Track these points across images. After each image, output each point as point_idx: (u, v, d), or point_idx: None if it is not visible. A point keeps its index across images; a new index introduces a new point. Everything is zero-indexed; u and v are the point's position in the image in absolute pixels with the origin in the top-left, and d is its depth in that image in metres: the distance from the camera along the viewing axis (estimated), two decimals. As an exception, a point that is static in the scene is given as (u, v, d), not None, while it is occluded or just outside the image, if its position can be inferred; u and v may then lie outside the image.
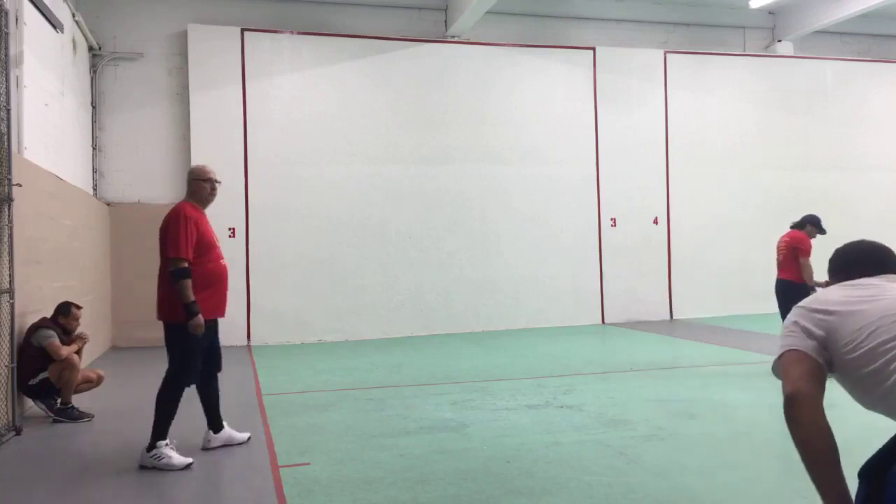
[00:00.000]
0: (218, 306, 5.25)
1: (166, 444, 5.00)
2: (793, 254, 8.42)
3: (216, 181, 5.33)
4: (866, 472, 2.23)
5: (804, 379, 2.23)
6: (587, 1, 13.91)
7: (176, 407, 5.12)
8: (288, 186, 12.10)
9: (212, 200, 5.36)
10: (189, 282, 4.91)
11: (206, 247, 5.11)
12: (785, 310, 8.01)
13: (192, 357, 5.08)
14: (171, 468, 4.90)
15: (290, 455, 5.20)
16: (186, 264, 4.95)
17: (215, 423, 5.47)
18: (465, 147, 12.94)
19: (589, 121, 13.66)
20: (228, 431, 5.50)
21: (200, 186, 5.27)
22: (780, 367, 2.30)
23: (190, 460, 5.02)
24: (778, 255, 8.57)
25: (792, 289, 8.17)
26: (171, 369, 5.10)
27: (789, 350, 2.25)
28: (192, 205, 5.22)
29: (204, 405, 5.47)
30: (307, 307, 12.07)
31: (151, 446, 4.97)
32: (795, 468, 5.05)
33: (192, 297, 4.92)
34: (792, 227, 8.74)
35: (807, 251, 8.38)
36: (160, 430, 5.00)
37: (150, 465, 4.93)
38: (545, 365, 8.98)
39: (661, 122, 14.07)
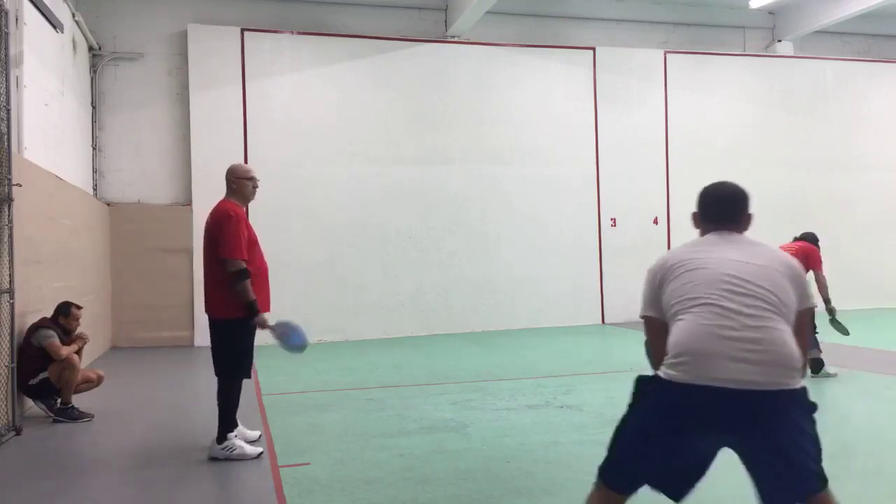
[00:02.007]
0: (263, 303, 5.26)
1: (235, 436, 5.06)
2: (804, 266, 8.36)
3: (257, 180, 5.39)
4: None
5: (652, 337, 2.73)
6: (587, 1, 13.90)
7: (238, 399, 5.13)
8: (288, 186, 12.10)
9: (252, 199, 5.40)
10: (249, 281, 4.96)
11: (250, 245, 5.13)
12: None
13: (246, 353, 5.14)
14: (243, 458, 4.98)
15: (290, 455, 5.20)
16: (244, 264, 4.98)
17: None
18: (465, 147, 12.94)
19: (589, 121, 13.66)
20: (241, 429, 5.43)
21: (244, 185, 5.28)
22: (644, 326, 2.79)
23: (260, 450, 5.09)
24: None
25: None
26: (224, 367, 5.09)
27: (643, 315, 2.77)
28: (235, 203, 5.22)
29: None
30: (307, 307, 12.06)
31: (222, 439, 5.02)
32: (795, 468, 5.04)
33: (254, 296, 4.98)
34: (800, 239, 8.51)
35: (821, 264, 8.26)
36: (227, 422, 5.04)
37: (223, 457, 4.99)
38: (545, 365, 8.98)
39: (661, 122, 14.07)
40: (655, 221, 13.97)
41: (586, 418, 6.21)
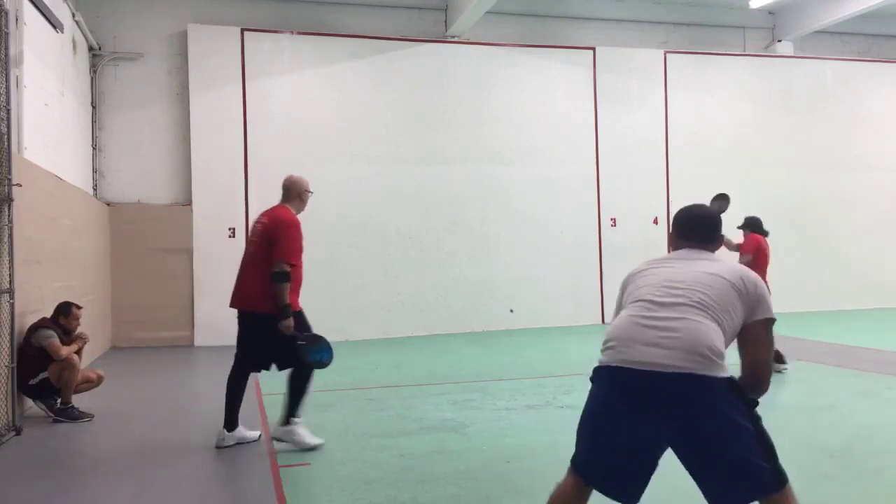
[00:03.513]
0: (296, 305, 5.52)
1: (298, 423, 5.23)
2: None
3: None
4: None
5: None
6: (587, 1, 13.90)
7: (309, 385, 5.34)
8: (288, 186, 12.09)
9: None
10: (288, 285, 5.20)
11: (300, 252, 5.44)
12: None
13: (312, 339, 5.39)
14: (303, 445, 5.16)
15: (290, 455, 5.20)
16: (289, 268, 5.21)
17: (232, 423, 5.42)
18: (465, 147, 12.94)
19: (589, 121, 13.66)
20: (241, 430, 5.47)
21: (306, 196, 5.70)
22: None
23: (321, 441, 5.24)
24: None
25: None
26: (291, 358, 5.27)
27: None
28: (293, 211, 5.51)
29: (233, 400, 5.40)
30: (307, 307, 12.01)
31: (287, 422, 5.22)
32: (795, 468, 5.06)
33: (288, 300, 5.20)
34: (759, 232, 8.17)
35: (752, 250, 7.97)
36: (294, 409, 5.24)
37: (287, 440, 5.19)
38: (545, 365, 8.98)
39: (661, 122, 14.07)
40: (655, 221, 13.97)
41: (586, 418, 6.21)
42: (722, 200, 8.08)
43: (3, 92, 6.07)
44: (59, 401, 6.40)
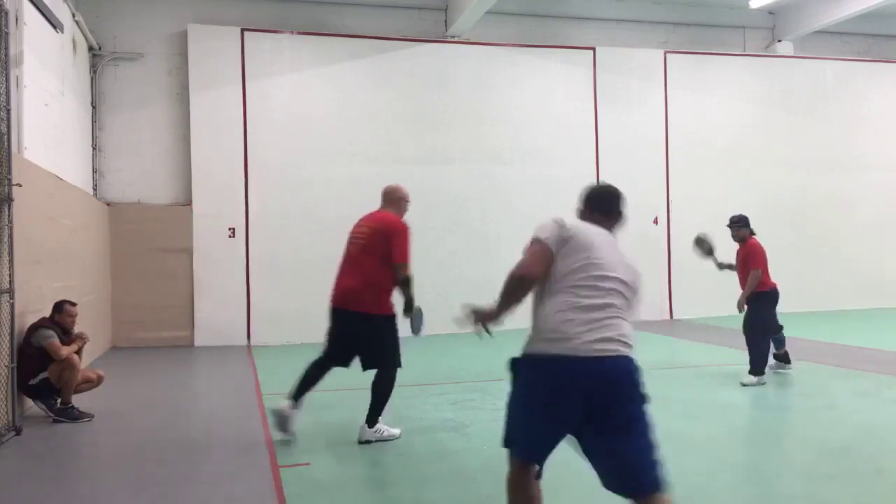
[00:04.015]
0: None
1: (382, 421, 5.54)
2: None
3: None
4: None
5: (539, 269, 3.12)
6: (587, 1, 13.90)
7: (393, 387, 5.66)
8: (288, 186, 12.10)
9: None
10: (413, 283, 5.73)
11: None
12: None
13: (399, 343, 5.73)
14: (392, 438, 5.49)
15: (290, 455, 5.20)
16: (409, 270, 5.64)
17: (297, 396, 5.62)
18: (465, 147, 12.93)
19: (589, 121, 13.66)
20: (382, 427, 5.63)
21: (403, 205, 6.02)
22: (530, 251, 3.16)
23: (400, 431, 5.60)
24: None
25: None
26: (385, 358, 5.60)
27: (543, 243, 3.11)
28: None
29: (307, 381, 5.67)
30: (307, 307, 12.02)
31: (373, 423, 5.49)
32: (795, 468, 5.06)
33: (413, 296, 5.74)
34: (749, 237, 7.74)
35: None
36: (379, 410, 5.52)
37: (375, 439, 5.45)
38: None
39: (661, 122, 14.07)
40: (655, 221, 13.97)
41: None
42: (702, 243, 7.82)
43: (3, 92, 6.07)
44: (59, 401, 6.40)
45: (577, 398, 2.88)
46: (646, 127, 13.94)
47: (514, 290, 3.17)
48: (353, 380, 8.35)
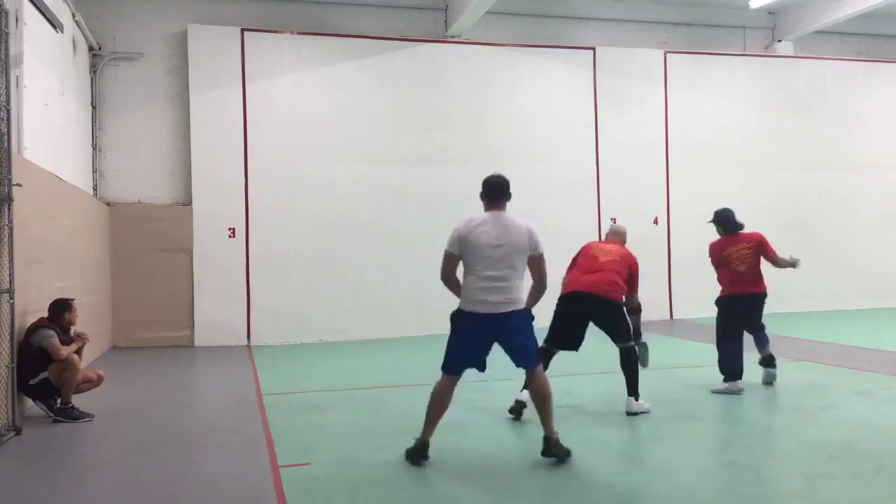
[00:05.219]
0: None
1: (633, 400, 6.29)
2: (757, 258, 7.25)
3: None
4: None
5: (451, 271, 5.22)
6: (587, 1, 13.90)
7: (637, 364, 6.49)
8: (288, 186, 12.10)
9: None
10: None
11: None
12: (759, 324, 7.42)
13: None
14: (647, 411, 6.21)
15: (290, 455, 5.20)
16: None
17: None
18: (465, 147, 12.93)
19: (589, 121, 13.66)
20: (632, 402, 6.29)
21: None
22: (443, 260, 5.19)
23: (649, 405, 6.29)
24: (739, 265, 7.23)
25: (763, 302, 7.35)
26: (627, 339, 6.40)
27: (448, 252, 5.16)
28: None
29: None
30: (307, 307, 12.07)
31: (637, 397, 6.26)
32: (795, 468, 5.06)
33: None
34: (737, 231, 7.41)
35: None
36: (635, 385, 6.30)
37: (640, 411, 6.18)
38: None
39: (661, 122, 14.07)
40: (655, 221, 13.97)
41: (586, 418, 6.22)
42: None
43: (3, 92, 6.07)
44: (59, 401, 6.40)
45: (484, 336, 5.01)
46: (646, 127, 13.94)
47: (446, 286, 5.27)
48: (354, 380, 8.38)
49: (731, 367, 7.11)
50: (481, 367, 5.09)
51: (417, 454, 4.94)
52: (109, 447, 5.67)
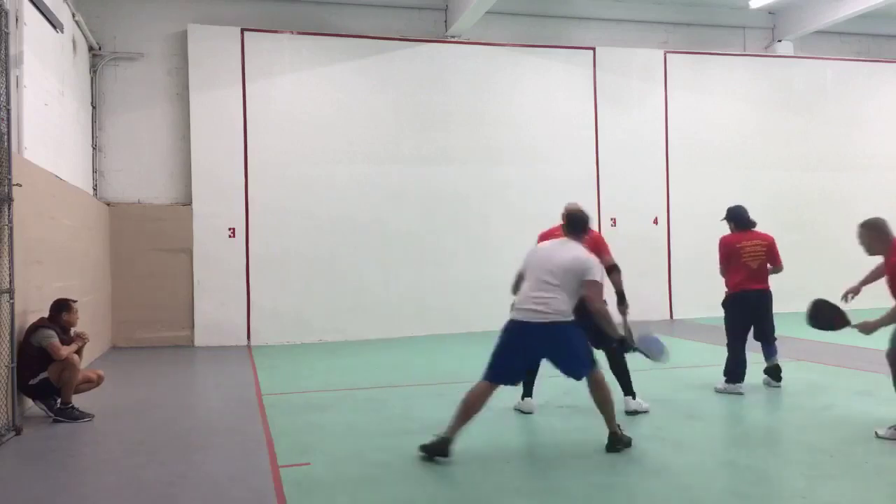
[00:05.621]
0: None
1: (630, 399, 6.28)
2: (766, 259, 7.20)
3: None
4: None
5: (517, 279, 5.44)
6: (587, 1, 13.90)
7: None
8: (288, 186, 12.10)
9: None
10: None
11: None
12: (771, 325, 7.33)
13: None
14: (647, 410, 6.22)
15: (290, 455, 5.20)
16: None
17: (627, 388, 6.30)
18: (465, 147, 12.93)
19: (589, 121, 13.66)
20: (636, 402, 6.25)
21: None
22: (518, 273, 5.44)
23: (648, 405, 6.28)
24: (752, 261, 7.16)
25: (770, 301, 7.28)
26: (609, 342, 6.06)
27: (520, 269, 5.43)
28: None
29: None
30: (307, 307, 12.06)
31: (634, 395, 6.27)
32: (795, 468, 5.06)
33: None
34: (750, 227, 7.34)
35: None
36: (629, 383, 6.29)
37: (639, 409, 6.19)
38: (545, 365, 8.95)
39: (661, 122, 14.07)
40: (655, 221, 13.97)
41: (586, 418, 6.21)
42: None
43: (3, 92, 6.07)
44: (59, 401, 6.40)
45: (524, 346, 5.10)
46: (646, 127, 13.93)
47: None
48: (354, 380, 8.37)
49: (734, 368, 7.12)
50: (517, 378, 5.42)
51: (436, 450, 4.89)
52: (109, 447, 5.67)
